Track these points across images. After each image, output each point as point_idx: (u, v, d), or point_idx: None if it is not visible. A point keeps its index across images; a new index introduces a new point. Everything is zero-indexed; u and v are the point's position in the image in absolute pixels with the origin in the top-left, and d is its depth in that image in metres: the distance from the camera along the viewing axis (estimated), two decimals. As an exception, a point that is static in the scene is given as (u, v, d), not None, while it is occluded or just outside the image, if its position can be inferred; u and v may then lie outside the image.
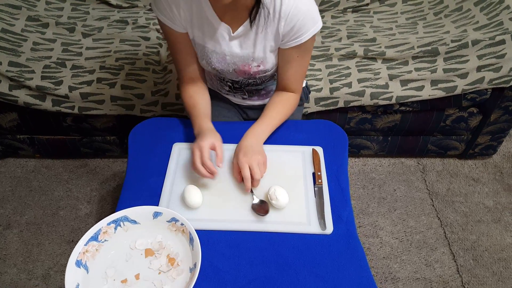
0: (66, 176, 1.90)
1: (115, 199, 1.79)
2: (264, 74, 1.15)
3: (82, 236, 0.90)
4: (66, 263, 1.52)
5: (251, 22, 1.01)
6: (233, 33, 1.04)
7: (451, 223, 1.70)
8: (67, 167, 1.93)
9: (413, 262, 1.58)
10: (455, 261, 1.58)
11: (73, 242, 1.63)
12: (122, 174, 1.89)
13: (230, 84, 1.25)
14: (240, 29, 1.04)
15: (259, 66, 1.11)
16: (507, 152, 1.98)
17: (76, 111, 1.62)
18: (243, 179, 1.00)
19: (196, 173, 1.01)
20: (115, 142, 1.82)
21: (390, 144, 1.84)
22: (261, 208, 0.99)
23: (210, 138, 1.01)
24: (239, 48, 1.08)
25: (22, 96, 1.60)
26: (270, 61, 1.10)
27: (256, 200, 1.00)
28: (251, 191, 1.01)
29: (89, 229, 0.92)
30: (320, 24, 1.03)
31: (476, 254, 1.60)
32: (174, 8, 1.01)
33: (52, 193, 1.83)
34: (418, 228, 1.69)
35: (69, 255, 1.58)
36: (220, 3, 0.92)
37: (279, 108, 1.14)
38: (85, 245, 0.89)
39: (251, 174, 0.99)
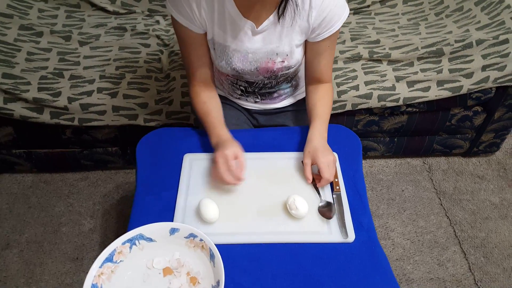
0: (66, 190, 1.84)
1: (119, 213, 1.74)
2: (287, 71, 1.13)
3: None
4: (72, 282, 1.48)
5: (279, 16, 0.99)
6: (257, 28, 1.01)
7: (460, 221, 1.70)
8: (67, 181, 1.87)
9: (426, 262, 1.57)
10: (466, 259, 1.58)
11: (78, 260, 1.57)
12: (125, 186, 1.84)
13: (243, 88, 1.22)
14: (265, 23, 1.01)
15: (283, 61, 1.08)
16: (509, 148, 1.99)
17: (76, 123, 1.57)
18: (319, 179, 1.01)
19: (220, 182, 1.00)
20: (117, 153, 1.77)
21: (396, 145, 1.84)
22: (328, 211, 0.98)
23: (232, 147, 1.00)
24: (263, 43, 1.05)
25: (18, 109, 1.54)
26: (295, 57, 1.08)
27: (323, 203, 1.00)
28: (318, 193, 1.02)
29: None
30: (348, 10, 1.02)
31: (486, 251, 1.61)
32: (194, 6, 0.98)
33: (52, 209, 1.77)
34: (428, 228, 1.68)
35: (74, 273, 1.56)
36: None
37: (325, 102, 1.13)
38: (100, 267, 0.85)
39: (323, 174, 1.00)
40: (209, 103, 1.13)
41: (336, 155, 1.12)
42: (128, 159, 1.80)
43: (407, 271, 1.55)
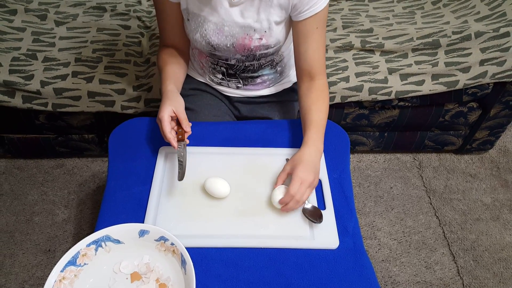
0: (40, 177, 1.76)
1: (95, 203, 1.67)
2: (266, 51, 1.05)
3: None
4: (43, 275, 1.42)
5: None
6: None
7: (450, 222, 1.65)
8: (41, 168, 1.79)
9: (413, 264, 1.52)
10: (455, 263, 1.53)
11: (50, 252, 1.51)
12: (102, 175, 1.76)
13: (224, 70, 1.14)
14: None
15: (261, 39, 1.00)
16: (503, 146, 1.93)
17: (49, 108, 1.49)
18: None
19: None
20: (93, 140, 1.69)
21: (386, 140, 1.78)
22: (315, 213, 0.90)
23: (167, 105, 0.92)
24: (240, 16, 0.97)
25: (-12, 92, 1.45)
26: (274, 35, 1.00)
27: (308, 205, 0.92)
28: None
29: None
30: None
31: (476, 254, 1.56)
32: None
33: (25, 197, 1.69)
34: (416, 228, 1.63)
35: (46, 266, 1.49)
36: None
37: (320, 106, 1.00)
38: (61, 271, 0.79)
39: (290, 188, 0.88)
40: (167, 58, 1.06)
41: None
42: (105, 147, 1.72)
43: (393, 273, 1.50)
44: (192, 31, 1.02)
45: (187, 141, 0.97)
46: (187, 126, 0.92)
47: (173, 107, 0.92)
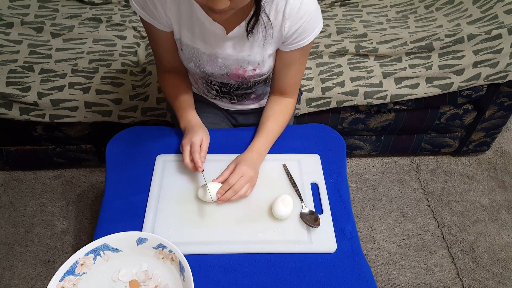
0: (39, 189, 1.76)
1: (93, 213, 1.67)
2: (259, 78, 1.06)
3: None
4: (43, 287, 1.41)
5: (248, 32, 0.92)
6: (227, 34, 0.94)
7: (448, 224, 1.65)
8: (40, 179, 1.79)
9: (413, 267, 1.52)
10: (454, 264, 1.53)
11: (49, 263, 1.50)
12: (101, 185, 1.77)
13: (218, 88, 1.15)
14: (236, 30, 0.93)
15: (254, 70, 1.01)
16: (500, 147, 1.94)
17: (47, 119, 1.49)
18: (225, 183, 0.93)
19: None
20: (91, 150, 1.69)
21: (383, 144, 1.78)
22: (312, 218, 0.92)
23: (200, 133, 0.97)
24: (233, 50, 0.97)
25: (-15, 105, 1.46)
26: (267, 65, 1.01)
27: (305, 210, 0.94)
28: (301, 199, 0.96)
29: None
30: (322, 23, 0.95)
31: (475, 255, 1.56)
32: (159, 6, 0.91)
33: (24, 209, 1.69)
34: (415, 230, 1.63)
35: (45, 277, 1.49)
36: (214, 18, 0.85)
37: (277, 118, 1.06)
38: (60, 281, 0.79)
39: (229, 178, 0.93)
40: (179, 87, 1.08)
41: (318, 156, 1.06)
42: (103, 157, 1.72)
43: (392, 276, 1.50)
44: (186, 60, 1.03)
45: None
46: (204, 157, 0.95)
47: (204, 135, 0.97)
